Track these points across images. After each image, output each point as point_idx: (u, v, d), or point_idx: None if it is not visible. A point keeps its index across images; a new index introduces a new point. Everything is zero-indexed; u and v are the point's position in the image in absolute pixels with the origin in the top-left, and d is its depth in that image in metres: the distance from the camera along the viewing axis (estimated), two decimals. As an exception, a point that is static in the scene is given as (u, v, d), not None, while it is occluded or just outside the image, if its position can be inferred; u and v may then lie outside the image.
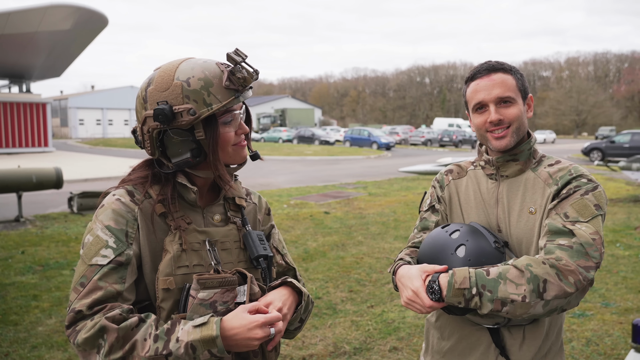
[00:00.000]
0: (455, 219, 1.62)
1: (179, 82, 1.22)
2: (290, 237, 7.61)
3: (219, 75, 1.25)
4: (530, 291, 1.29)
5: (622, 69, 75.03)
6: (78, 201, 9.52)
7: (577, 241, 1.34)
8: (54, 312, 4.55)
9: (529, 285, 1.29)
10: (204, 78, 1.23)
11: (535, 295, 1.28)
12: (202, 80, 1.23)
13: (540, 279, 1.29)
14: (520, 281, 1.29)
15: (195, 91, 1.22)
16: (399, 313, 4.53)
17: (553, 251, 1.34)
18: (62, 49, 24.69)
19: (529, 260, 1.33)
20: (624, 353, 3.69)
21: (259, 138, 42.84)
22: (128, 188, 1.30)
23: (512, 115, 1.48)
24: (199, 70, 1.24)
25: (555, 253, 1.33)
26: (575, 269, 1.31)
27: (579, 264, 1.32)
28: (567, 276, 1.30)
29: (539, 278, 1.29)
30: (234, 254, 1.34)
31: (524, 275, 1.30)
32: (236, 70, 1.24)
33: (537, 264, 1.31)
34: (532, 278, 1.29)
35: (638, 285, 5.30)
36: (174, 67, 1.25)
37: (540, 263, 1.32)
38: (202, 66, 1.25)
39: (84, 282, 1.18)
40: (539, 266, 1.31)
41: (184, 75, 1.23)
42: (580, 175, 1.46)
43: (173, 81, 1.23)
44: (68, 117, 57.24)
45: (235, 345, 1.16)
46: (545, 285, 1.29)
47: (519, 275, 1.30)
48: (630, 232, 7.88)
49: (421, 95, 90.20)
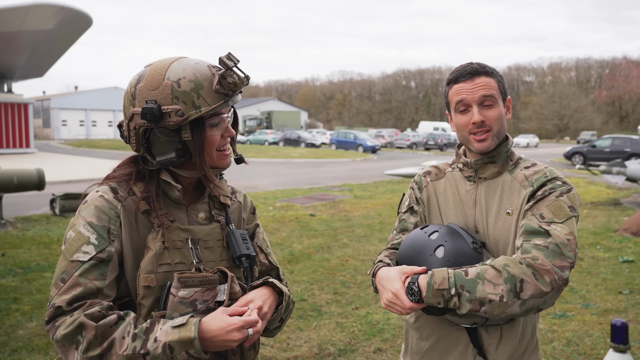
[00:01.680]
0: (434, 220, 1.64)
1: (170, 83, 1.22)
2: (276, 240, 7.60)
3: (209, 78, 1.25)
4: (507, 291, 1.31)
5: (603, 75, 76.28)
6: (60, 203, 9.39)
7: (552, 241, 1.37)
8: (34, 315, 4.49)
9: (506, 285, 1.31)
10: (194, 80, 1.23)
11: (512, 294, 1.31)
12: (192, 82, 1.23)
13: (517, 279, 1.31)
14: (498, 281, 1.31)
15: (185, 93, 1.22)
16: (384, 315, 4.55)
17: (529, 251, 1.37)
18: (45, 49, 24.34)
19: (506, 260, 1.35)
20: (603, 353, 3.76)
21: (245, 140, 42.66)
22: (112, 185, 1.30)
23: (493, 116, 1.51)
24: (190, 72, 1.24)
25: (532, 252, 1.36)
26: (551, 269, 1.33)
27: (554, 263, 1.34)
28: (543, 275, 1.32)
29: (516, 278, 1.31)
30: (217, 253, 1.35)
31: (502, 275, 1.32)
32: (227, 74, 1.25)
33: (514, 264, 1.33)
34: (509, 278, 1.31)
35: (617, 286, 5.40)
36: (166, 66, 1.25)
37: (517, 263, 1.34)
38: (193, 68, 1.25)
39: (65, 278, 1.19)
40: (516, 266, 1.33)
41: (175, 75, 1.23)
42: (555, 178, 1.49)
43: (163, 81, 1.23)
44: (51, 117, 56.39)
45: (213, 346, 1.18)
46: (522, 285, 1.31)
47: (497, 275, 1.32)
48: (610, 234, 8.02)
49: (407, 98, 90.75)
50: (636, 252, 6.86)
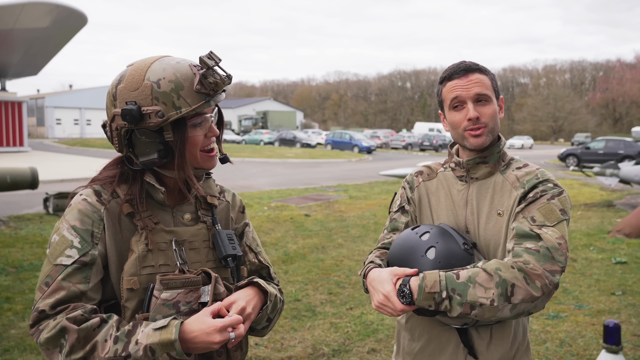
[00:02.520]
0: (425, 220, 1.64)
1: (149, 83, 1.21)
2: (271, 240, 7.59)
3: (190, 78, 1.23)
4: (498, 295, 1.31)
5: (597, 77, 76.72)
6: (54, 202, 9.35)
7: (543, 245, 1.37)
8: (27, 315, 4.46)
9: (497, 289, 1.31)
10: (174, 80, 1.22)
11: (503, 299, 1.31)
12: (172, 82, 1.22)
13: (508, 283, 1.31)
14: (489, 285, 1.31)
15: (164, 93, 1.21)
16: (378, 315, 4.55)
17: (521, 254, 1.36)
18: (40, 47, 24.21)
19: (498, 264, 1.35)
20: (595, 353, 3.77)
21: (240, 140, 42.59)
22: (95, 188, 1.30)
23: (488, 113, 1.51)
24: (171, 72, 1.22)
25: (523, 256, 1.35)
26: (542, 273, 1.33)
27: (545, 267, 1.34)
28: (534, 280, 1.32)
29: (507, 282, 1.31)
30: (203, 254, 1.34)
31: (493, 279, 1.32)
32: (208, 74, 1.23)
33: (506, 268, 1.33)
34: (500, 282, 1.31)
35: (610, 287, 5.42)
36: (146, 66, 1.24)
37: (509, 267, 1.34)
38: (174, 67, 1.23)
39: (49, 282, 1.19)
40: (508, 270, 1.33)
41: (155, 76, 1.22)
42: (547, 180, 1.49)
43: (143, 81, 1.22)
44: (45, 116, 56.06)
45: (195, 348, 1.17)
46: (513, 290, 1.31)
47: (488, 279, 1.32)
48: (603, 236, 8.06)
49: (402, 99, 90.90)
50: (629, 253, 6.90)
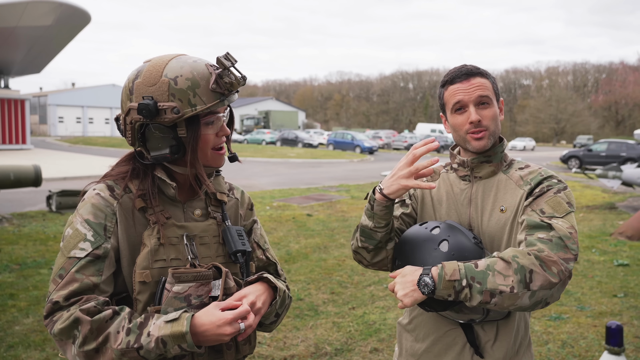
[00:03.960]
0: (426, 217, 1.66)
1: (167, 80, 1.24)
2: (273, 239, 7.60)
3: (206, 77, 1.27)
4: (517, 282, 1.31)
5: (600, 80, 76.60)
6: (57, 200, 9.37)
7: (555, 234, 1.39)
8: (31, 312, 4.48)
9: (516, 275, 1.32)
10: (191, 78, 1.25)
11: (522, 285, 1.31)
12: (189, 80, 1.25)
13: (526, 270, 1.32)
14: (508, 272, 1.32)
15: (181, 90, 1.24)
16: (380, 315, 4.57)
17: (534, 243, 1.38)
18: (43, 45, 24.25)
19: (515, 251, 1.36)
20: (597, 355, 3.78)
21: (242, 140, 42.61)
22: (108, 183, 1.33)
23: (489, 116, 1.54)
24: (188, 70, 1.26)
25: (537, 245, 1.37)
26: (557, 260, 1.35)
27: (559, 255, 1.36)
28: (551, 267, 1.33)
29: (525, 269, 1.32)
30: (213, 249, 1.37)
31: (511, 266, 1.33)
32: (224, 74, 1.27)
33: (523, 255, 1.35)
34: (519, 269, 1.32)
35: (612, 289, 5.43)
36: (164, 63, 1.27)
37: (525, 254, 1.35)
38: (191, 66, 1.27)
39: (62, 274, 1.21)
40: (525, 257, 1.34)
41: (173, 73, 1.25)
42: (551, 177, 1.53)
43: (161, 78, 1.25)
44: (47, 114, 56.17)
45: (205, 340, 1.19)
46: (532, 276, 1.32)
47: (506, 266, 1.33)
48: (605, 238, 8.06)
49: (404, 100, 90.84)
50: (631, 255, 6.90)
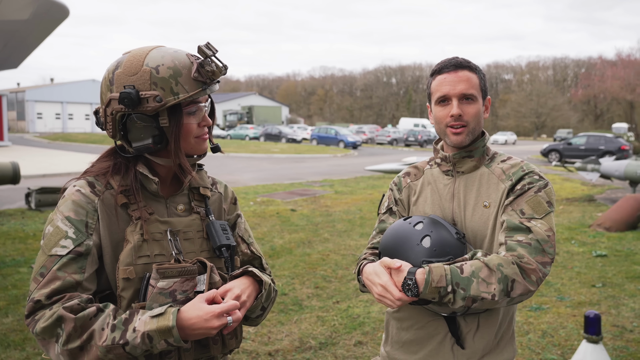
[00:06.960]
0: (413, 214, 1.67)
1: (148, 69, 1.23)
2: (257, 234, 7.58)
3: (188, 66, 1.26)
4: (499, 291, 1.36)
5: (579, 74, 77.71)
6: (36, 197, 9.21)
7: (533, 237, 1.42)
8: (10, 311, 4.40)
9: (499, 285, 1.36)
10: (173, 67, 1.24)
11: (503, 294, 1.36)
12: (171, 69, 1.24)
13: (509, 279, 1.36)
14: (491, 280, 1.36)
15: (163, 79, 1.23)
16: (364, 308, 4.59)
17: (515, 248, 1.41)
18: (20, 40, 23.66)
19: (500, 259, 1.39)
20: (577, 344, 3.86)
21: (226, 135, 42.31)
22: (89, 179, 1.30)
23: (471, 113, 1.54)
24: (169, 59, 1.25)
25: (517, 250, 1.41)
26: (536, 267, 1.39)
27: (537, 260, 1.40)
28: (530, 274, 1.38)
29: (508, 278, 1.36)
30: (197, 244, 1.36)
31: (495, 275, 1.36)
32: (205, 63, 1.26)
33: (507, 264, 1.38)
34: (502, 278, 1.36)
35: (591, 280, 5.54)
36: (145, 53, 1.26)
37: (510, 263, 1.38)
38: (172, 55, 1.26)
39: (44, 272, 1.19)
40: (509, 266, 1.38)
41: (154, 62, 1.24)
42: (532, 172, 1.54)
43: (142, 67, 1.24)
44: (25, 110, 55.04)
45: (192, 334, 1.19)
46: (513, 285, 1.37)
47: (490, 274, 1.36)
48: (584, 229, 8.22)
49: (388, 95, 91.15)
50: (609, 246, 7.05)
